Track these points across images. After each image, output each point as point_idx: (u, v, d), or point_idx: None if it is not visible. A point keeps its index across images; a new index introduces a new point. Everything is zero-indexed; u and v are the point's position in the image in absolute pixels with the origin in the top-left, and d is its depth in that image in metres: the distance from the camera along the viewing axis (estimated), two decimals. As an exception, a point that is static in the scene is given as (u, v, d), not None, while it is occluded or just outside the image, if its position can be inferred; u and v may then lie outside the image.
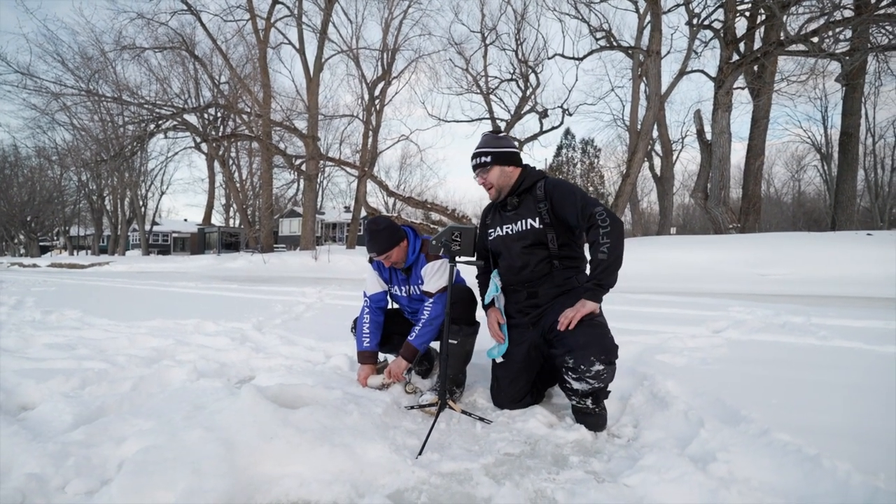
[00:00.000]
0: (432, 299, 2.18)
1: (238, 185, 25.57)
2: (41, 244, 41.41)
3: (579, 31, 37.82)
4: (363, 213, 19.14)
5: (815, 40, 10.63)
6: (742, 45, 12.93)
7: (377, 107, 20.19)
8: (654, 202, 33.16)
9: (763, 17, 12.31)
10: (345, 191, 36.55)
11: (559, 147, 42.60)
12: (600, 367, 1.68)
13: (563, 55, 18.38)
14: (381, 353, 2.44)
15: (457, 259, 2.03)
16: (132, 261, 20.79)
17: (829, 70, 13.80)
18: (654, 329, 3.39)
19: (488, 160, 2.02)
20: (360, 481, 1.40)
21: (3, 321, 4.25)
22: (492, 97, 19.26)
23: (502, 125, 19.00)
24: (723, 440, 1.47)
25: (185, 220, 50.10)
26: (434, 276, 2.19)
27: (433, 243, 2.02)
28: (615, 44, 16.39)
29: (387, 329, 2.40)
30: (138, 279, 11.23)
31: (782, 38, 11.21)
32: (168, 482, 1.20)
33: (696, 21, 13.37)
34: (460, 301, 2.14)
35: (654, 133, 17.39)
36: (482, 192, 3.94)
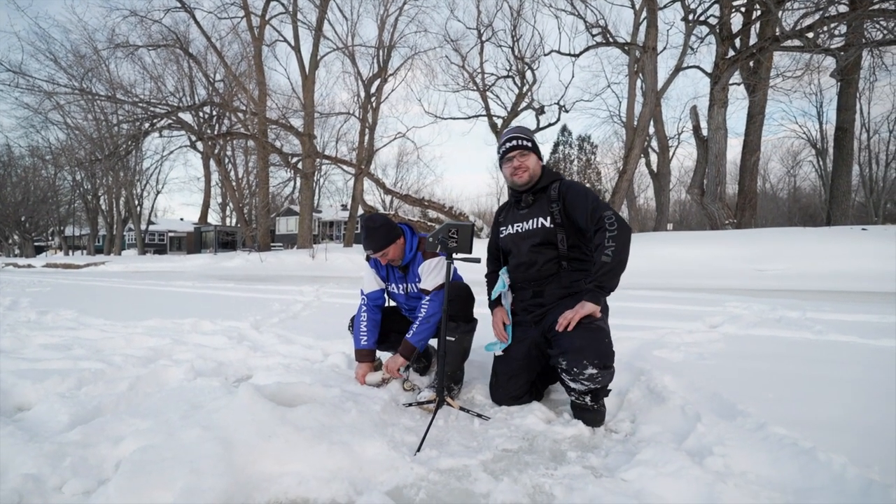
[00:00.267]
0: (429, 297, 2.17)
1: (234, 183, 25.46)
2: (36, 244, 41.10)
3: (575, 28, 37.93)
4: (360, 211, 19.13)
5: (811, 36, 10.66)
6: (738, 41, 12.96)
7: (373, 104, 20.10)
8: (650, 198, 33.23)
9: (758, 12, 12.33)
10: (342, 189, 36.39)
11: (556, 144, 42.72)
12: (594, 371, 1.68)
13: (559, 52, 18.46)
14: (378, 352, 2.43)
15: (454, 256, 2.02)
16: (128, 260, 20.69)
17: (824, 65, 13.85)
18: (650, 324, 3.41)
19: (529, 145, 2.04)
20: (358, 479, 1.40)
21: (-1, 322, 4.23)
22: (488, 94, 19.21)
23: (499, 122, 18.98)
24: (719, 434, 1.48)
25: (182, 220, 49.93)
26: (431, 274, 2.19)
27: (430, 240, 2.01)
28: (611, 40, 16.40)
29: (384, 327, 2.39)
30: (134, 279, 11.18)
31: (778, 34, 11.24)
32: (166, 481, 1.19)
33: (692, 17, 13.37)
34: (458, 298, 2.14)
35: (651, 129, 17.40)
36: (479, 189, 3.93)
